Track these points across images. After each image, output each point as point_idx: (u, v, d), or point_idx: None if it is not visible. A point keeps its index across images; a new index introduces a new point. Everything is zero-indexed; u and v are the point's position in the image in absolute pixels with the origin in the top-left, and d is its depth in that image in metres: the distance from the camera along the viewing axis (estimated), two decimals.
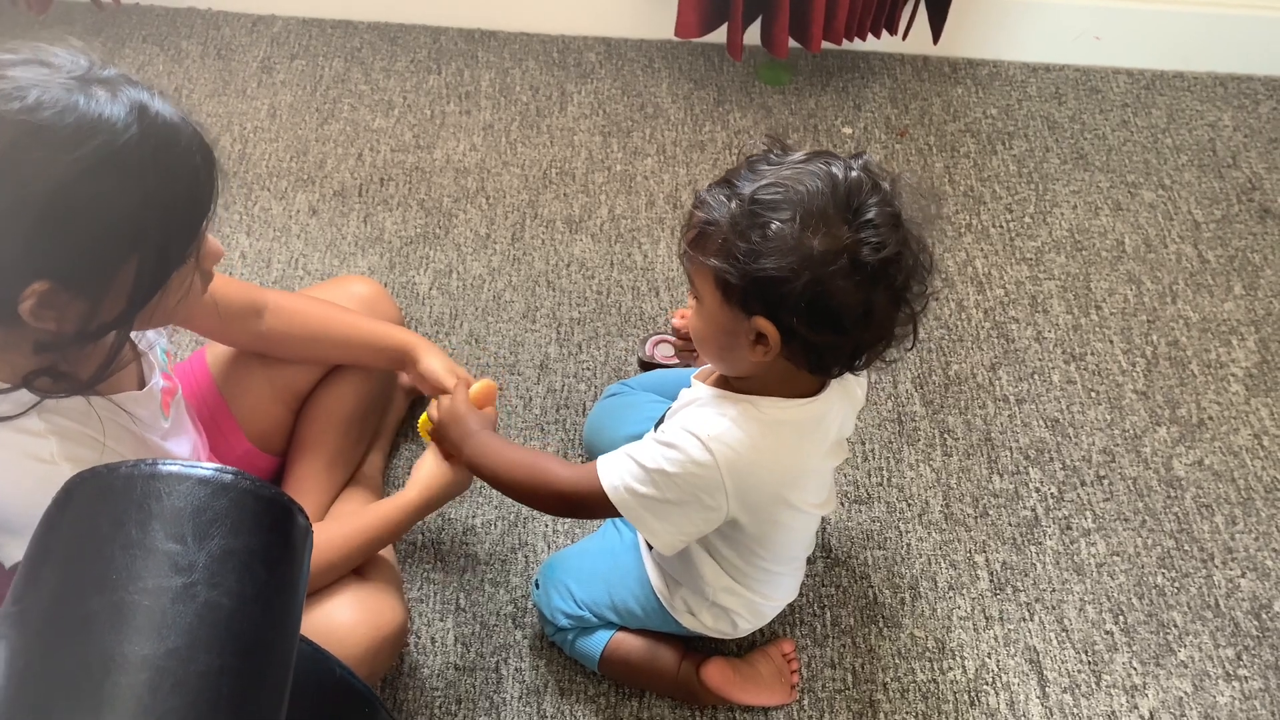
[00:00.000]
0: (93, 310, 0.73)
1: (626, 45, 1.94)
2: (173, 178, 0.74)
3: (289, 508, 0.56)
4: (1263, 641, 1.24)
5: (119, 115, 0.70)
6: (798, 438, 0.90)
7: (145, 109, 0.72)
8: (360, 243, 1.59)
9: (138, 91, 0.72)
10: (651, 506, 0.90)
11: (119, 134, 0.70)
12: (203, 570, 0.50)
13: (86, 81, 0.70)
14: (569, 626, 1.12)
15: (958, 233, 1.66)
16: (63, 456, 0.77)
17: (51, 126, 0.68)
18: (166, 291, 0.77)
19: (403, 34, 1.93)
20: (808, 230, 0.77)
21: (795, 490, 0.92)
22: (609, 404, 1.28)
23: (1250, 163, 1.81)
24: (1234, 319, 1.57)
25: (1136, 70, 1.96)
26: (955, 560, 1.29)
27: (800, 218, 0.77)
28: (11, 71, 0.69)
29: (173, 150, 0.73)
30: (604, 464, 0.92)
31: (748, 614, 1.07)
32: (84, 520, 0.52)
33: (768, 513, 0.93)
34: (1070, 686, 1.19)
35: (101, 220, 0.71)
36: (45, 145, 0.68)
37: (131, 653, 0.47)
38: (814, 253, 0.77)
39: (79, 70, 0.71)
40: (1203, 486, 1.38)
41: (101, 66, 0.73)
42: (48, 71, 0.70)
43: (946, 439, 1.41)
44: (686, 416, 0.90)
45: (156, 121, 0.72)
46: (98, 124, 0.69)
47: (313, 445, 1.17)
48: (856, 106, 1.86)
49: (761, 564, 1.01)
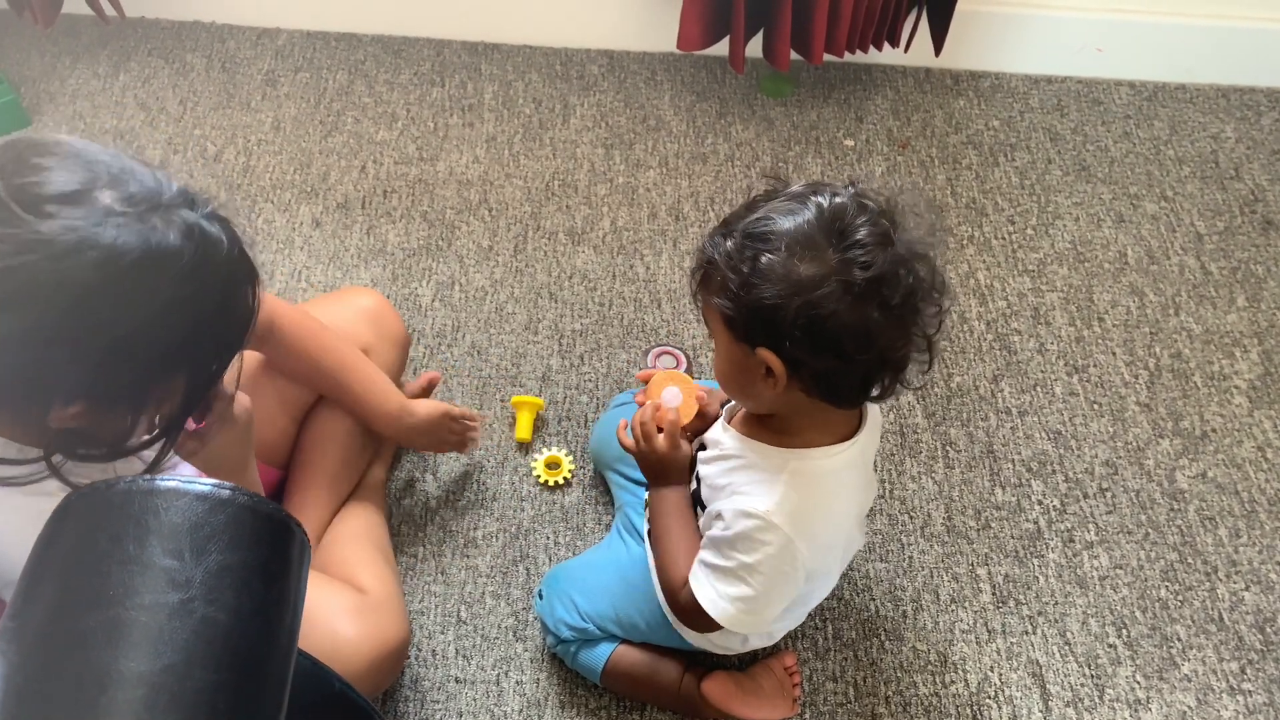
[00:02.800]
0: (131, 427, 0.73)
1: (629, 58, 1.95)
2: (222, 298, 0.73)
3: (286, 523, 0.57)
4: (1267, 655, 1.23)
5: (175, 245, 0.68)
6: (850, 480, 0.92)
7: (200, 233, 0.70)
8: (363, 255, 1.59)
9: (188, 214, 0.70)
10: (758, 603, 0.92)
11: (172, 265, 0.68)
12: (200, 586, 0.50)
13: (143, 208, 0.68)
14: (572, 639, 1.12)
15: (960, 245, 1.66)
16: (63, 490, 0.76)
17: (109, 264, 0.65)
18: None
19: (406, 47, 1.94)
20: (794, 257, 0.79)
21: (857, 529, 0.97)
22: (616, 415, 1.29)
23: (1253, 174, 1.80)
24: (1237, 331, 1.57)
25: (1139, 82, 1.96)
26: (957, 573, 1.29)
27: (787, 246, 0.80)
28: (70, 214, 0.66)
29: (223, 273, 0.72)
30: (696, 589, 0.94)
31: (760, 634, 1.07)
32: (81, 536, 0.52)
33: (832, 557, 0.98)
34: (1073, 700, 1.19)
35: (149, 348, 0.70)
36: (103, 281, 0.66)
37: (128, 669, 0.47)
38: (802, 278, 0.79)
39: (131, 190, 0.68)
40: (1206, 499, 1.37)
41: (148, 178, 0.70)
42: (101, 197, 0.67)
43: (949, 451, 1.40)
44: (737, 498, 0.91)
45: (209, 247, 0.70)
46: (152, 257, 0.67)
47: (314, 459, 1.17)
48: (858, 118, 1.86)
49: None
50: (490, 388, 1.44)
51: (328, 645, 0.96)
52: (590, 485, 1.34)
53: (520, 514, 1.31)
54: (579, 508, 1.32)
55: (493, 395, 1.43)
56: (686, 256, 1.62)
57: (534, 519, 1.31)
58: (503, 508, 1.32)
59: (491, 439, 1.38)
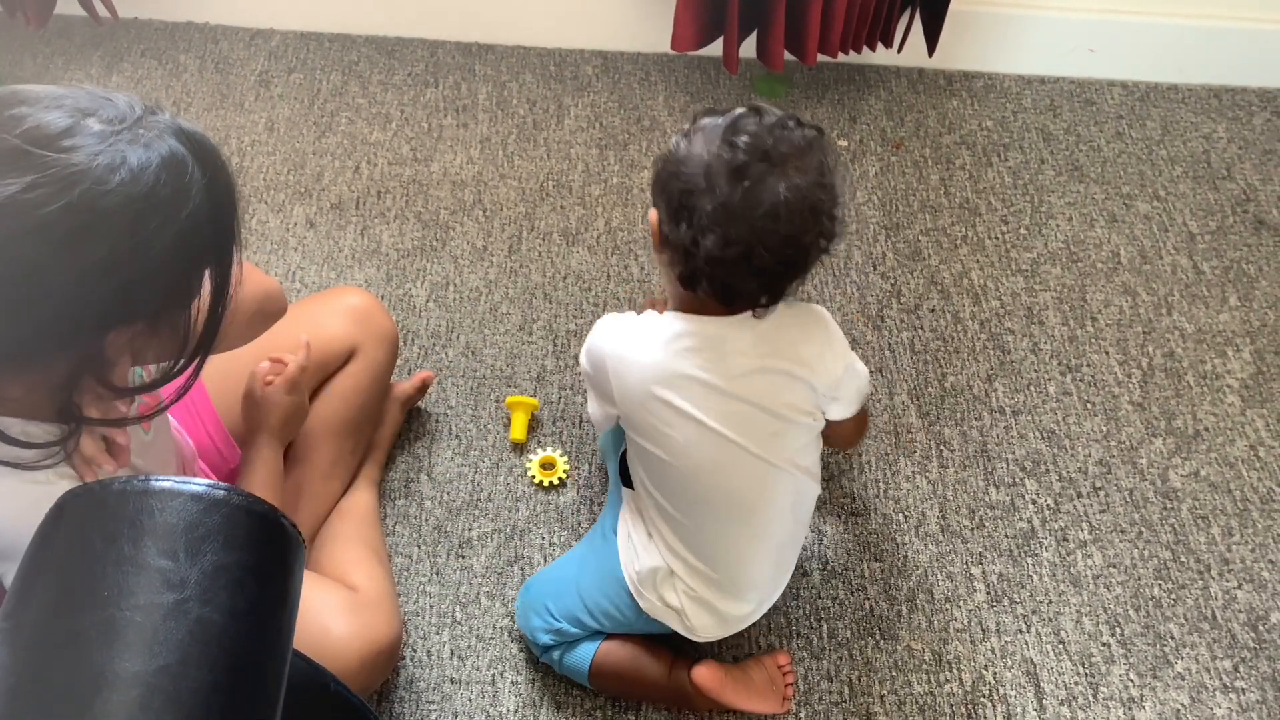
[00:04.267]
0: (185, 335, 0.75)
1: (623, 58, 1.95)
2: (221, 191, 0.75)
3: (281, 523, 0.56)
4: (1260, 653, 1.24)
5: (179, 151, 0.71)
6: (677, 343, 0.99)
7: (189, 135, 0.73)
8: (357, 255, 1.59)
9: (170, 118, 0.73)
10: (588, 381, 1.09)
11: (183, 166, 0.70)
12: (195, 586, 0.50)
13: (129, 126, 0.70)
14: (552, 643, 1.12)
15: (954, 245, 1.67)
16: (57, 475, 0.76)
17: (139, 179, 0.68)
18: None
19: (400, 48, 1.94)
20: (687, 139, 0.95)
21: (665, 389, 0.99)
22: None
23: (1245, 174, 1.81)
24: (1229, 330, 1.57)
25: (1131, 82, 1.97)
26: (952, 572, 1.29)
27: (689, 131, 0.95)
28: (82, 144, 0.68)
29: (220, 168, 0.75)
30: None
31: (696, 589, 1.06)
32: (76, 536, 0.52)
33: (641, 405, 1.01)
34: (1067, 699, 1.19)
35: (189, 248, 0.72)
36: (144, 196, 0.68)
37: (123, 669, 0.47)
38: (678, 151, 0.95)
39: (110, 113, 0.70)
40: (1199, 498, 1.38)
41: (124, 100, 0.73)
42: (89, 123, 0.69)
43: (943, 450, 1.41)
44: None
45: (204, 145, 0.73)
46: (168, 165, 0.70)
47: (306, 457, 1.17)
48: (852, 119, 1.87)
49: (670, 493, 1.04)
50: (485, 388, 1.44)
51: (318, 643, 0.96)
52: (585, 485, 1.34)
53: (515, 514, 1.31)
54: (574, 508, 1.32)
55: (487, 396, 1.43)
56: None
57: (529, 519, 1.31)
58: (497, 508, 1.32)
59: (486, 439, 1.38)
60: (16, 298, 0.66)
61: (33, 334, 0.68)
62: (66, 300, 0.67)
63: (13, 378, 0.73)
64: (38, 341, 0.69)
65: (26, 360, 0.71)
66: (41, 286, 0.66)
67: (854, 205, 1.71)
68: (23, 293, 0.66)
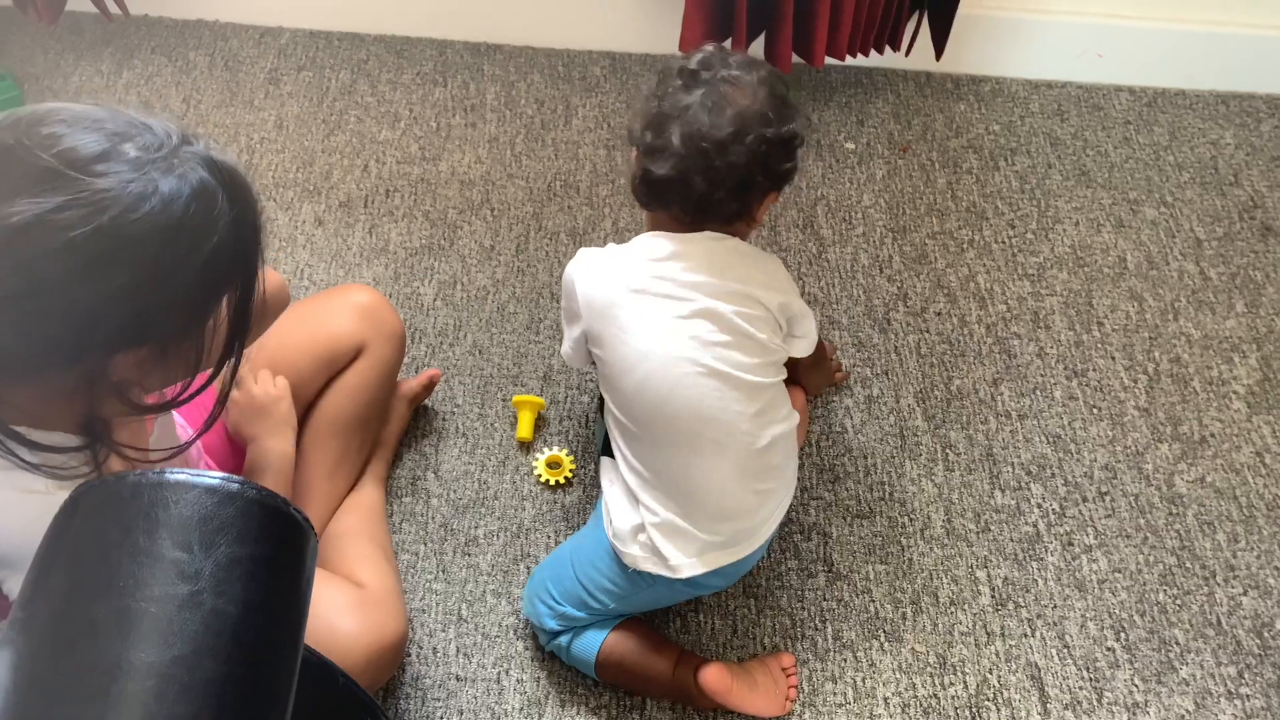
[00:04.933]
0: (197, 359, 0.76)
1: (631, 59, 1.95)
2: (245, 216, 0.75)
3: (294, 517, 0.57)
4: (1265, 660, 1.23)
5: (206, 179, 0.71)
6: (638, 252, 1.08)
7: (216, 163, 0.73)
8: (365, 254, 1.59)
9: (201, 146, 0.74)
10: (562, 314, 1.16)
11: (214, 199, 0.71)
12: (209, 578, 0.51)
13: (165, 154, 0.71)
14: (558, 627, 1.13)
15: (960, 248, 1.67)
16: (56, 485, 0.75)
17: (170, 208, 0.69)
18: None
19: (409, 47, 1.94)
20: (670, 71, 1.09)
21: (625, 294, 1.06)
22: None
23: (1252, 181, 1.81)
24: (1236, 336, 1.57)
25: (1139, 88, 1.97)
26: (957, 575, 1.29)
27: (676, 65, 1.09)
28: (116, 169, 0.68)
29: (246, 195, 0.75)
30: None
31: (663, 516, 1.07)
32: (91, 527, 0.53)
33: (603, 314, 1.07)
34: (1071, 703, 1.19)
35: (209, 279, 0.73)
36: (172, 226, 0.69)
37: (138, 660, 0.47)
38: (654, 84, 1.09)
39: (147, 139, 0.71)
40: (1204, 504, 1.38)
41: (161, 129, 0.73)
42: (126, 149, 0.69)
43: (948, 454, 1.41)
44: None
45: (230, 173, 0.74)
46: (199, 196, 0.70)
47: (313, 454, 1.18)
48: (859, 122, 1.87)
49: (630, 409, 1.07)
50: (492, 387, 1.44)
51: (325, 639, 0.96)
52: (591, 484, 1.34)
53: (521, 513, 1.31)
54: (580, 507, 1.32)
55: (494, 394, 1.43)
56: None
57: (535, 518, 1.31)
58: (504, 507, 1.32)
59: (493, 438, 1.38)
60: (30, 311, 0.66)
61: (40, 349, 0.68)
62: (79, 321, 0.67)
63: (16, 385, 0.73)
64: (43, 356, 0.69)
65: (30, 372, 0.71)
66: (57, 304, 0.66)
67: (860, 208, 1.71)
68: (37, 308, 0.66)
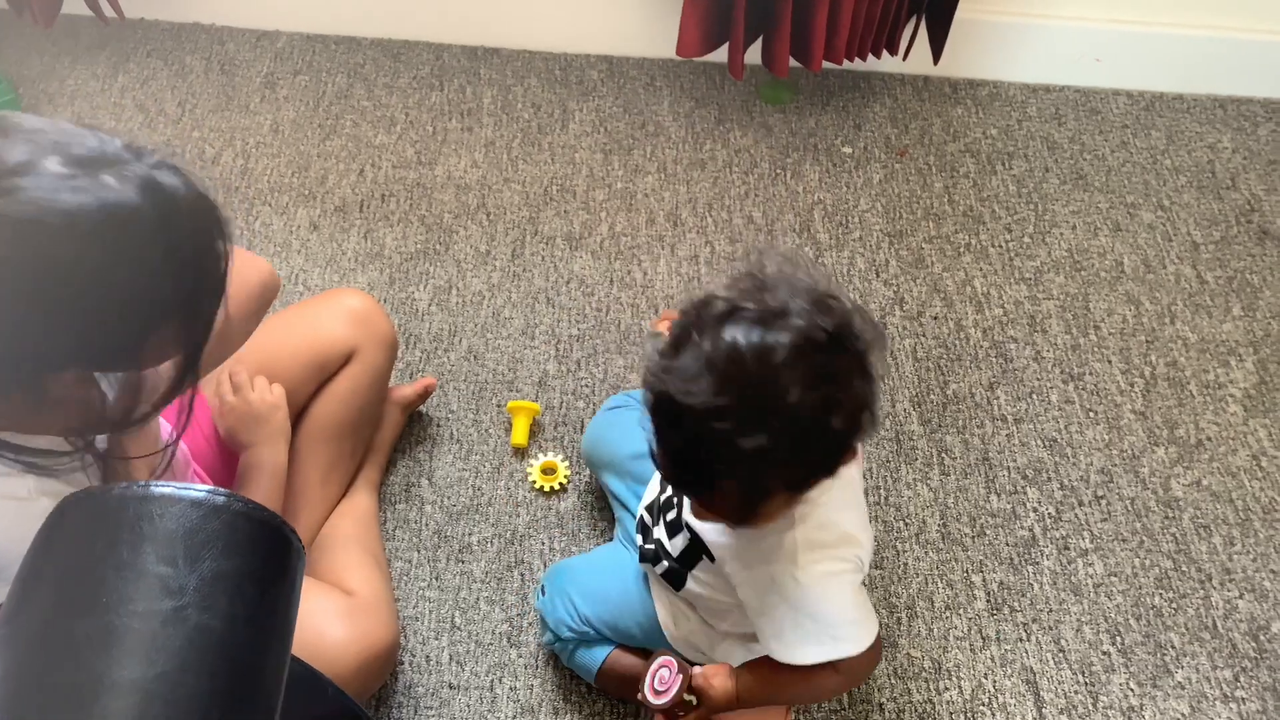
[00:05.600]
0: (134, 389, 0.74)
1: (628, 63, 1.95)
2: (189, 247, 0.72)
3: (281, 529, 0.57)
4: (1260, 663, 1.23)
5: (131, 199, 0.68)
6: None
7: (156, 186, 0.69)
8: (360, 258, 1.59)
9: (139, 168, 0.70)
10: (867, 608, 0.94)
11: (133, 221, 0.68)
12: (194, 593, 0.50)
13: (90, 167, 0.68)
14: (571, 639, 1.12)
15: (957, 252, 1.67)
16: (39, 491, 0.75)
17: (72, 228, 0.66)
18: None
19: (406, 50, 1.94)
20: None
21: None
22: (611, 417, 1.27)
23: (1249, 184, 1.81)
24: (1232, 340, 1.57)
25: (1136, 92, 1.97)
26: (952, 580, 1.29)
27: None
28: (24, 184, 0.66)
29: (184, 222, 0.72)
30: (823, 646, 0.91)
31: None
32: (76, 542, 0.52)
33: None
34: (1067, 708, 1.19)
35: (130, 306, 0.69)
36: (71, 246, 0.66)
37: (121, 676, 0.47)
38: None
39: (76, 152, 0.68)
40: (1201, 507, 1.37)
41: (91, 136, 0.70)
42: (46, 163, 0.67)
43: (944, 458, 1.41)
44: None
45: (165, 196, 0.70)
46: (113, 216, 0.67)
47: (304, 461, 1.17)
48: (857, 126, 1.87)
49: None
50: (487, 392, 1.44)
51: (315, 647, 0.96)
52: (586, 490, 1.34)
53: (516, 520, 1.31)
54: (575, 513, 1.32)
55: (489, 400, 1.43)
56: (684, 262, 1.62)
57: (529, 525, 1.31)
58: (498, 513, 1.32)
59: (488, 444, 1.38)
60: None
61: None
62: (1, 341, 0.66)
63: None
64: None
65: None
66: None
67: (857, 212, 1.71)
68: None
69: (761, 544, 0.91)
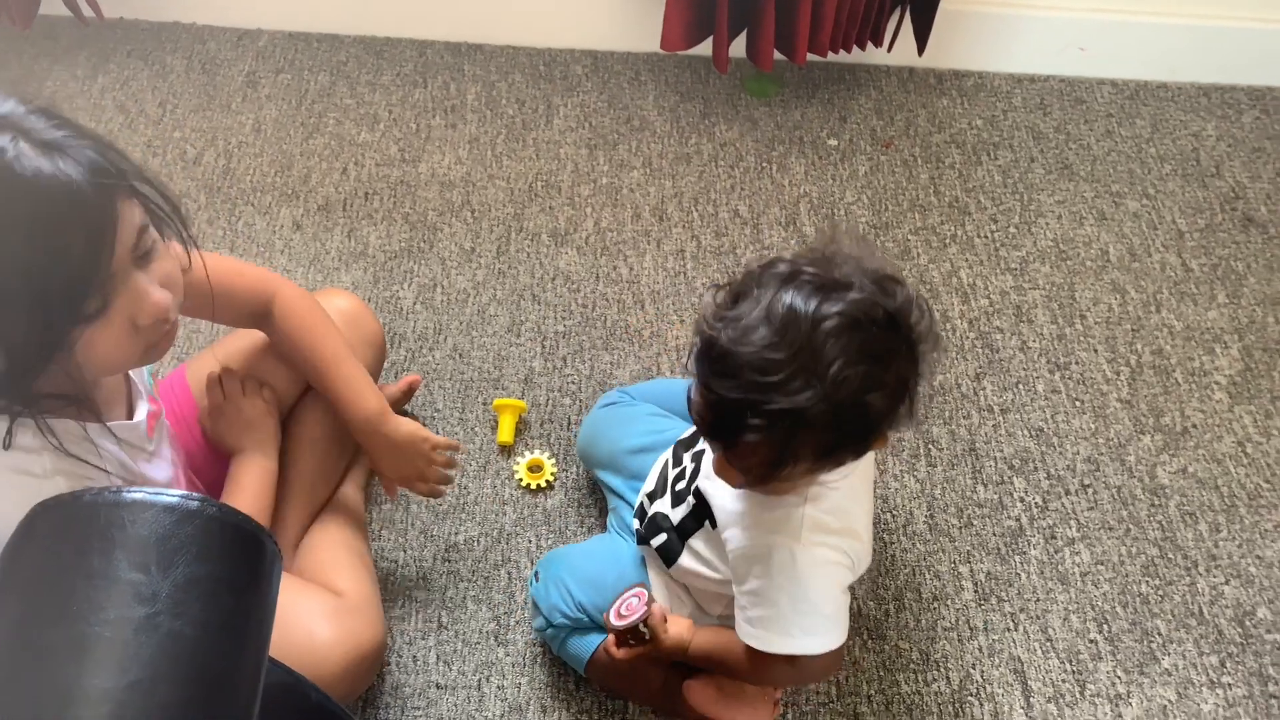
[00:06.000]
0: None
1: (612, 58, 1.94)
2: (25, 244, 0.68)
3: (256, 533, 0.56)
4: (1246, 649, 1.24)
5: None
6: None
7: (9, 162, 0.66)
8: (344, 257, 1.59)
9: (11, 139, 0.66)
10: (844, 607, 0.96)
11: None
12: (166, 600, 0.50)
13: None
14: (564, 625, 1.12)
15: (943, 243, 1.67)
16: (55, 471, 0.77)
17: None
18: (76, 349, 0.73)
19: (388, 48, 1.93)
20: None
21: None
22: (606, 414, 1.27)
23: (1234, 172, 1.81)
24: (1218, 327, 1.57)
25: (1121, 81, 1.97)
26: (939, 571, 1.29)
27: None
28: None
29: (28, 214, 0.67)
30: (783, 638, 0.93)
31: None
32: (46, 550, 0.52)
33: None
34: (1055, 696, 1.19)
35: None
36: None
37: (92, 686, 0.46)
38: None
39: None
40: (1186, 494, 1.38)
41: (3, 101, 0.68)
42: None
43: (931, 449, 1.41)
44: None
45: (15, 178, 0.66)
46: None
47: (291, 462, 1.17)
48: (842, 118, 1.86)
49: None
50: (472, 390, 1.43)
51: (303, 648, 0.96)
52: (573, 488, 1.34)
53: (502, 518, 1.31)
54: (561, 511, 1.32)
55: (475, 398, 1.43)
56: (670, 257, 1.61)
57: (516, 523, 1.31)
58: (484, 512, 1.31)
59: (473, 442, 1.38)
60: None
61: None
62: None
63: None
64: None
65: None
66: None
67: (843, 204, 1.71)
68: None
69: (769, 514, 0.92)
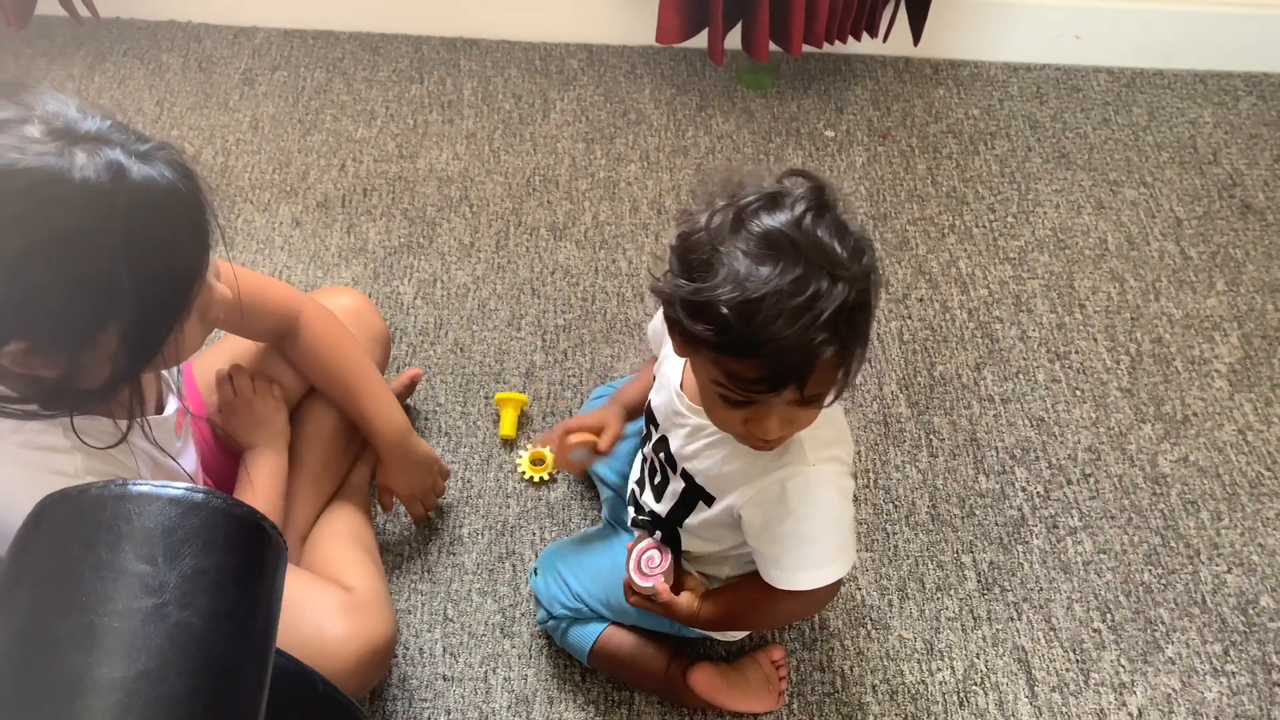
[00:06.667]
0: (74, 368, 0.73)
1: (608, 51, 1.94)
2: (150, 244, 0.71)
3: (261, 525, 0.56)
4: (1250, 637, 1.24)
5: (91, 178, 0.67)
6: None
7: (123, 172, 0.69)
8: (344, 253, 1.58)
9: (116, 152, 0.69)
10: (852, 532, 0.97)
11: (90, 200, 0.67)
12: (174, 591, 0.50)
13: (68, 140, 0.68)
14: (565, 616, 1.12)
15: (941, 234, 1.67)
16: (86, 471, 0.77)
17: (21, 192, 0.66)
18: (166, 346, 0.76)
19: (384, 44, 1.93)
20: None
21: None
22: (594, 406, 1.28)
23: (1231, 159, 1.81)
24: (1217, 315, 1.57)
25: (1117, 69, 1.97)
26: (942, 561, 1.29)
27: None
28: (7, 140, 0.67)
29: (149, 216, 0.71)
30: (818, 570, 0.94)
31: None
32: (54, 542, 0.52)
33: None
34: (1059, 685, 1.19)
35: (72, 286, 0.69)
36: (15, 209, 0.66)
37: (101, 676, 0.46)
38: None
39: (60, 124, 0.68)
40: (1188, 483, 1.38)
41: (88, 116, 0.70)
42: (27, 128, 0.68)
43: (932, 440, 1.41)
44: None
45: (133, 186, 0.69)
46: (68, 190, 0.66)
47: (297, 459, 1.17)
48: (838, 109, 1.86)
49: None
50: (474, 385, 1.43)
51: (315, 644, 0.96)
52: (575, 480, 1.34)
53: (506, 510, 1.31)
54: (564, 503, 1.32)
55: (476, 392, 1.43)
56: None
57: (519, 515, 1.31)
58: (488, 505, 1.32)
59: (476, 436, 1.38)
60: None
61: None
62: None
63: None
64: None
65: None
66: None
67: (841, 195, 1.70)
68: None
69: (767, 457, 0.91)
